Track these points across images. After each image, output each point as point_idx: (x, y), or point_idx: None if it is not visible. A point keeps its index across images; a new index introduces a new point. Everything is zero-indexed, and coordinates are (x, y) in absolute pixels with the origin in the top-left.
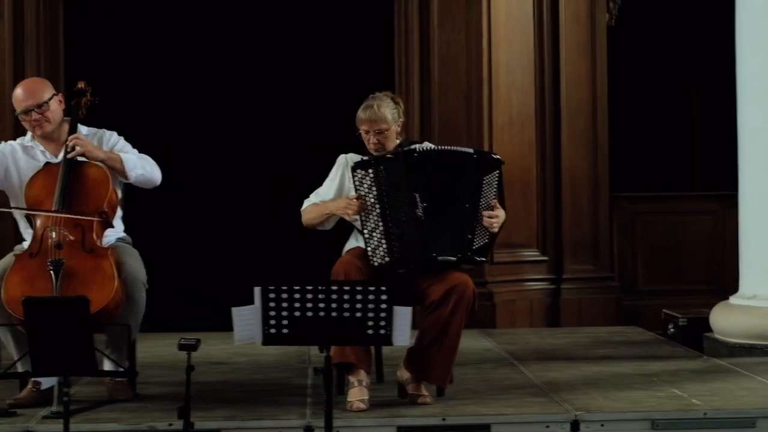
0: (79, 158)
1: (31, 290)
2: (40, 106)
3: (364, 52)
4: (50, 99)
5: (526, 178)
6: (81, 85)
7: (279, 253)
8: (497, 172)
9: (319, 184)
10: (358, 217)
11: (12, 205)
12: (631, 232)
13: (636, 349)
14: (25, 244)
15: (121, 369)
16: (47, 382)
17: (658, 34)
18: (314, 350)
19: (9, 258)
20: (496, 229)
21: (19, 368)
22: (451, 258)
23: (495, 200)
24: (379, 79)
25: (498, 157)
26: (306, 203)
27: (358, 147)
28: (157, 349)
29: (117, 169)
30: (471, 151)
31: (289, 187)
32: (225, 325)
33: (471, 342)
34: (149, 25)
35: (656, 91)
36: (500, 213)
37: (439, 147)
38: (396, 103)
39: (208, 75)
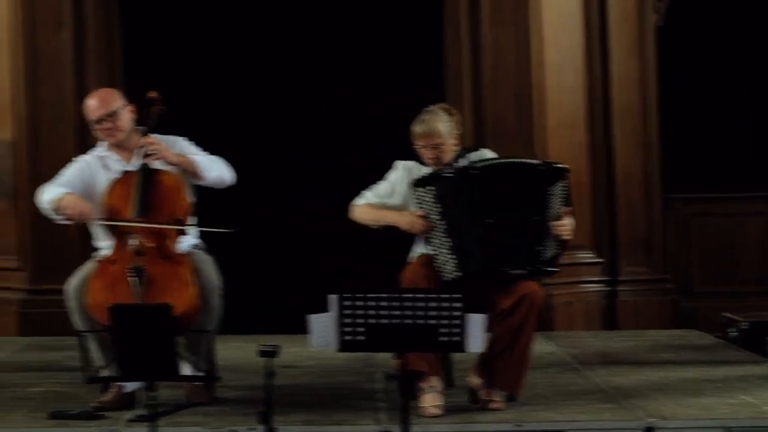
0: (155, 165)
1: (113, 296)
2: (111, 115)
3: (414, 52)
4: (121, 108)
5: (578, 179)
6: (152, 94)
7: (323, 255)
8: (564, 181)
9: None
10: None
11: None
12: (686, 233)
13: (699, 353)
14: (102, 252)
15: (200, 373)
16: (130, 385)
17: (707, 32)
18: (380, 354)
19: (90, 264)
20: (567, 237)
21: (104, 372)
22: (521, 272)
23: (563, 209)
24: (430, 78)
25: (563, 166)
26: (360, 200)
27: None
28: (226, 352)
29: (190, 172)
30: (535, 162)
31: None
32: (289, 327)
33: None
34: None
35: (708, 89)
36: (570, 221)
37: (500, 160)
38: (451, 114)
39: (265, 78)
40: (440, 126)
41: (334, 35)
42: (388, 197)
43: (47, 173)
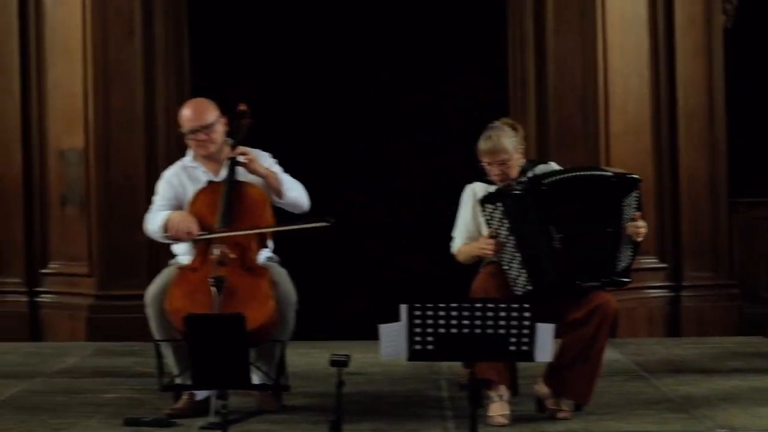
0: (240, 177)
1: (193, 303)
2: (206, 127)
3: (478, 59)
4: (215, 121)
5: (642, 184)
6: (242, 107)
7: (362, 244)
8: (636, 191)
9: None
10: None
11: None
12: (751, 237)
13: None
14: (180, 259)
15: (271, 382)
16: (201, 393)
17: None
18: (445, 362)
19: (171, 271)
20: (641, 238)
21: (178, 380)
22: (594, 283)
23: (636, 214)
24: (494, 85)
25: (635, 176)
26: (454, 246)
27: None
28: (292, 359)
29: (273, 188)
30: (607, 174)
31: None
32: (351, 332)
33: None
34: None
35: None
36: (643, 222)
37: (569, 173)
38: (515, 130)
39: (334, 82)
40: (506, 142)
41: (445, 43)
42: (468, 231)
43: (117, 180)
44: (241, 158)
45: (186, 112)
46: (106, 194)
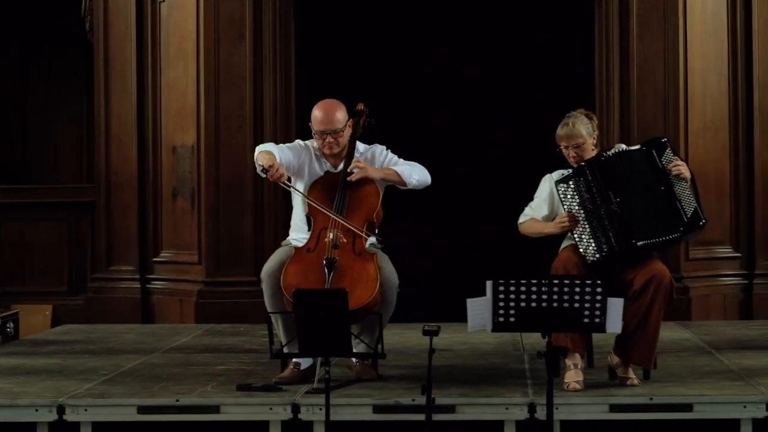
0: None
1: (306, 281)
2: (335, 132)
3: (565, 64)
4: (344, 127)
5: (719, 179)
6: (360, 106)
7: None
8: (669, 149)
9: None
10: None
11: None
12: None
13: None
14: (291, 239)
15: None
16: (305, 363)
17: None
18: (527, 339)
19: (286, 250)
20: (686, 173)
21: (286, 350)
22: (650, 241)
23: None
24: (581, 88)
25: (663, 138)
26: (523, 218)
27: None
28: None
29: (395, 182)
30: (637, 147)
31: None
32: (442, 315)
33: (670, 333)
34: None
35: None
36: (681, 161)
37: (625, 148)
38: (590, 118)
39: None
40: (581, 128)
41: (535, 47)
42: (541, 210)
43: (225, 175)
44: (354, 175)
45: (317, 114)
46: (214, 188)
